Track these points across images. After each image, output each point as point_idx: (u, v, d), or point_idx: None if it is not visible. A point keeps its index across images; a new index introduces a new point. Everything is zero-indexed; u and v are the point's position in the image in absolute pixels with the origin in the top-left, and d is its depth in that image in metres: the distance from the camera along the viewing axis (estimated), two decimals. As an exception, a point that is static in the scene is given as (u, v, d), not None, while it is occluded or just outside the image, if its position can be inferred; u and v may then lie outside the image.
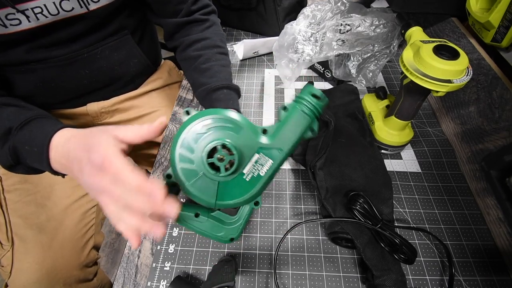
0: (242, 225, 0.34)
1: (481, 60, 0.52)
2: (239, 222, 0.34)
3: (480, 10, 0.51)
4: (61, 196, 0.59)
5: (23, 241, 0.53)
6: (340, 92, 0.65)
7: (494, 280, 0.41)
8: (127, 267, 0.45)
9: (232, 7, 0.82)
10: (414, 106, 0.49)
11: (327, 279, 0.42)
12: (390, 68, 0.75)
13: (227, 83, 0.52)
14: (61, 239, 0.56)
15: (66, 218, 0.57)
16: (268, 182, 0.32)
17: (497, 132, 0.48)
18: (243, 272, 0.43)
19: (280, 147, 0.32)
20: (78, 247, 0.58)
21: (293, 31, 0.63)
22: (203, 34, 0.56)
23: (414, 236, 0.46)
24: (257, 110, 0.66)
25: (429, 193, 0.51)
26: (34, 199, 0.56)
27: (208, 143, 0.30)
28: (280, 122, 0.32)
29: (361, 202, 0.43)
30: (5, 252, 0.52)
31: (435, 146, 0.57)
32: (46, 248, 0.54)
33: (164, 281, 0.43)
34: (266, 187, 0.33)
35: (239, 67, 0.77)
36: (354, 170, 0.49)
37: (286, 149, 0.32)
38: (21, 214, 0.55)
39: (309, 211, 0.49)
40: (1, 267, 0.53)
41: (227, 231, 0.34)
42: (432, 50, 0.41)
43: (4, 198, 0.56)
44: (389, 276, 0.39)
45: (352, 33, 0.59)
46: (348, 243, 0.45)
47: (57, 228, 0.56)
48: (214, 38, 0.57)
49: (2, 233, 0.54)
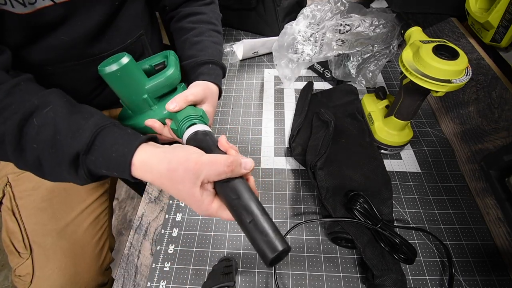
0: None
1: (481, 60, 0.52)
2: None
3: (480, 10, 0.52)
4: (77, 201, 0.58)
5: (43, 248, 0.52)
6: (339, 92, 0.65)
7: (493, 280, 0.41)
8: (127, 267, 0.45)
9: (232, 7, 0.82)
10: (413, 106, 0.49)
11: (327, 279, 0.42)
12: (390, 68, 0.75)
13: (214, 59, 0.52)
14: (81, 244, 0.55)
15: (83, 222, 0.57)
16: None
17: (496, 132, 0.48)
18: (243, 272, 0.43)
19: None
20: (96, 251, 0.57)
21: (293, 31, 0.63)
22: (200, 9, 0.58)
23: (414, 236, 0.46)
24: (257, 110, 0.66)
25: (428, 193, 0.51)
26: (50, 205, 0.55)
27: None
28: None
29: (361, 202, 0.43)
30: (23, 261, 0.51)
31: (434, 146, 0.57)
32: (67, 253, 0.53)
33: (164, 281, 0.43)
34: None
35: (238, 67, 0.77)
36: (354, 170, 0.49)
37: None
38: (37, 221, 0.54)
39: (309, 211, 0.49)
40: (19, 277, 0.51)
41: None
42: (432, 50, 0.41)
43: (16, 205, 0.54)
44: (389, 276, 0.39)
45: (351, 33, 0.59)
46: (348, 243, 0.45)
47: (76, 232, 0.55)
48: (210, 15, 0.58)
49: (18, 242, 0.52)
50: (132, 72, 0.42)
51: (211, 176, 0.32)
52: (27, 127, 0.34)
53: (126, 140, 0.34)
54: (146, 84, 0.43)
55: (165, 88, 0.45)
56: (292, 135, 0.58)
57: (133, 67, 0.41)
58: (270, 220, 0.30)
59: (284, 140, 0.60)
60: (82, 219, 0.57)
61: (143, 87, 0.43)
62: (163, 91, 0.45)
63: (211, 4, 0.61)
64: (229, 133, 0.62)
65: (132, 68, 0.41)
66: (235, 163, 0.32)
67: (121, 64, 0.40)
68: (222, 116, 0.65)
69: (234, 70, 0.76)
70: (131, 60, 0.41)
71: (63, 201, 0.56)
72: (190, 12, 0.57)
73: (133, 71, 0.42)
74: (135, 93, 0.43)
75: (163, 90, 0.45)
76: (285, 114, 0.65)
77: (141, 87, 0.43)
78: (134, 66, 0.42)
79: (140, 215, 0.51)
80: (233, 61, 0.79)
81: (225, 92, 0.71)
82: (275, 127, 0.63)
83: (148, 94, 0.44)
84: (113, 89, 0.43)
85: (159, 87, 0.44)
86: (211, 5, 0.61)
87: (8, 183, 0.56)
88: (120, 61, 0.40)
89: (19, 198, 0.55)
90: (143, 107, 0.45)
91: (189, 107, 0.41)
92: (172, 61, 0.46)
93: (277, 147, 0.59)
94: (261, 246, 0.28)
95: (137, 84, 0.43)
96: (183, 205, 0.51)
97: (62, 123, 0.34)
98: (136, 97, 0.43)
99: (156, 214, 0.51)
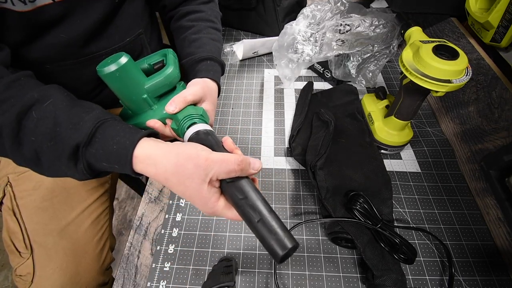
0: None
1: (481, 60, 0.52)
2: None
3: (480, 10, 0.52)
4: (77, 200, 0.58)
5: (44, 248, 0.52)
6: (339, 92, 0.65)
7: (493, 280, 0.41)
8: (127, 267, 0.45)
9: (232, 7, 0.82)
10: (413, 106, 0.49)
11: (327, 279, 0.42)
12: (390, 68, 0.75)
13: (212, 55, 0.52)
14: (82, 243, 0.55)
15: (84, 222, 0.57)
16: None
17: (496, 132, 0.48)
18: (243, 272, 0.43)
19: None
20: (97, 250, 0.57)
21: (293, 31, 0.63)
22: (199, 7, 0.59)
23: (414, 236, 0.46)
24: (257, 110, 0.66)
25: (428, 193, 0.51)
26: (51, 205, 0.55)
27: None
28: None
29: (361, 202, 0.43)
30: (24, 260, 0.51)
31: (434, 146, 0.57)
32: (68, 253, 0.53)
33: (164, 281, 0.43)
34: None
35: (238, 67, 0.77)
36: (354, 170, 0.49)
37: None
38: (38, 221, 0.54)
39: (309, 211, 0.49)
40: (19, 277, 0.52)
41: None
42: (432, 50, 0.41)
43: (16, 204, 0.54)
44: (389, 276, 0.39)
45: (351, 33, 0.59)
46: (348, 243, 0.45)
47: (76, 232, 0.55)
48: (209, 13, 0.59)
49: (19, 241, 0.52)
50: (131, 72, 0.41)
51: (221, 174, 0.32)
52: (25, 120, 0.33)
53: (127, 133, 0.34)
54: (146, 84, 0.43)
55: (165, 87, 0.45)
56: (292, 135, 0.58)
57: (131, 67, 0.41)
58: (277, 218, 0.31)
59: (284, 140, 0.60)
60: (83, 219, 0.57)
61: (142, 87, 0.43)
62: (162, 90, 0.45)
63: (210, 2, 0.61)
64: (229, 133, 0.62)
65: (131, 68, 0.41)
66: (245, 162, 0.32)
67: (120, 64, 0.40)
68: (222, 116, 0.65)
69: (234, 70, 0.76)
70: (130, 59, 0.41)
71: (64, 201, 0.56)
72: (189, 11, 0.58)
73: (132, 71, 0.42)
74: (135, 93, 0.43)
75: (163, 89, 0.45)
76: (285, 114, 0.65)
77: (140, 86, 0.43)
78: (132, 66, 0.42)
79: (140, 215, 0.51)
80: (233, 61, 0.79)
81: (225, 92, 0.71)
82: (275, 127, 0.63)
83: (148, 94, 0.44)
84: (112, 90, 0.43)
85: (159, 87, 0.44)
86: (210, 3, 0.61)
87: (9, 183, 0.56)
88: (118, 61, 0.40)
89: (20, 198, 0.55)
90: (143, 107, 0.45)
91: (189, 106, 0.41)
92: (171, 59, 0.46)
93: (277, 147, 0.59)
94: (271, 245, 0.29)
95: (136, 84, 0.43)
96: (183, 205, 0.51)
97: (62, 116, 0.33)
98: (135, 97, 0.43)
99: (156, 214, 0.51)
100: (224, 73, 0.62)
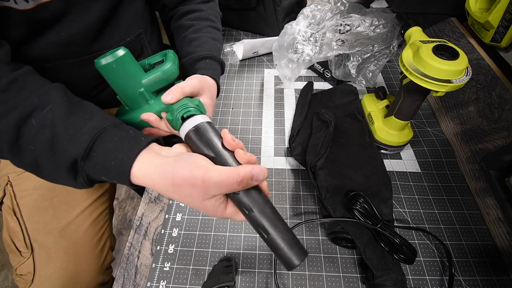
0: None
1: (481, 60, 0.52)
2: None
3: (480, 10, 0.52)
4: (78, 200, 0.58)
5: (44, 247, 0.52)
6: (339, 92, 0.65)
7: (493, 280, 0.42)
8: (127, 267, 0.45)
9: (232, 7, 0.82)
10: (413, 106, 0.49)
11: (327, 279, 0.42)
12: (390, 68, 0.75)
13: (211, 54, 0.52)
14: (82, 243, 0.55)
15: (84, 222, 0.57)
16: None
17: (496, 132, 0.48)
18: (243, 272, 0.43)
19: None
20: (97, 250, 0.57)
21: (293, 31, 0.63)
22: (198, 6, 0.59)
23: (414, 236, 0.46)
24: (257, 110, 0.66)
25: (428, 193, 0.51)
26: (51, 204, 0.55)
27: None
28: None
29: (361, 202, 0.43)
30: (24, 260, 0.51)
31: (434, 146, 0.57)
32: (69, 252, 0.53)
33: (164, 281, 0.43)
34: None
35: (238, 67, 0.77)
36: (354, 170, 0.49)
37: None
38: (38, 220, 0.54)
39: (309, 211, 0.49)
40: (20, 276, 0.52)
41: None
42: (432, 50, 0.41)
43: (17, 204, 0.54)
44: (389, 276, 0.39)
45: (351, 33, 0.59)
46: (348, 243, 0.45)
47: (77, 231, 0.55)
48: (208, 12, 0.59)
49: (19, 241, 0.52)
50: (128, 65, 0.41)
51: (222, 193, 0.31)
52: (25, 127, 0.33)
53: (126, 146, 0.33)
54: (143, 78, 0.43)
55: (162, 82, 0.45)
56: (292, 135, 0.58)
57: (129, 60, 0.41)
58: (285, 230, 0.31)
59: (284, 140, 0.60)
60: (83, 219, 0.57)
61: (139, 81, 0.43)
62: (160, 85, 0.45)
63: (210, 1, 0.62)
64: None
65: (128, 61, 0.41)
66: (246, 179, 0.30)
67: (117, 56, 0.40)
68: (222, 116, 0.65)
69: (234, 70, 0.76)
70: (127, 52, 0.41)
71: (64, 201, 0.56)
72: (189, 10, 0.58)
73: (129, 63, 0.41)
74: (131, 86, 0.43)
75: (160, 84, 0.45)
76: (285, 114, 0.65)
77: (137, 80, 0.43)
78: (130, 59, 0.41)
79: (140, 215, 0.51)
80: (233, 61, 0.79)
81: (225, 92, 0.71)
82: (275, 127, 0.63)
83: (145, 88, 0.44)
84: (109, 83, 0.42)
85: (156, 81, 0.44)
86: (210, 2, 0.61)
87: (9, 182, 0.56)
88: (115, 53, 0.40)
89: (20, 197, 0.55)
90: (139, 101, 0.45)
91: (185, 98, 0.41)
92: (170, 57, 0.46)
93: (277, 147, 0.59)
94: (280, 259, 0.31)
95: (133, 77, 0.42)
96: (183, 205, 0.51)
97: (59, 126, 0.33)
98: (132, 90, 0.43)
99: (156, 214, 0.51)
100: (224, 73, 0.62)
